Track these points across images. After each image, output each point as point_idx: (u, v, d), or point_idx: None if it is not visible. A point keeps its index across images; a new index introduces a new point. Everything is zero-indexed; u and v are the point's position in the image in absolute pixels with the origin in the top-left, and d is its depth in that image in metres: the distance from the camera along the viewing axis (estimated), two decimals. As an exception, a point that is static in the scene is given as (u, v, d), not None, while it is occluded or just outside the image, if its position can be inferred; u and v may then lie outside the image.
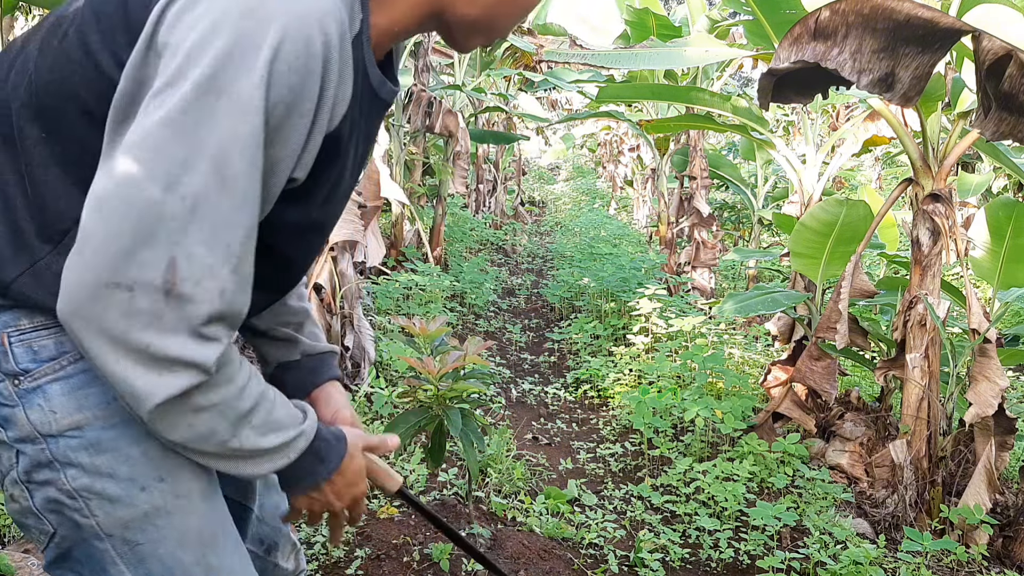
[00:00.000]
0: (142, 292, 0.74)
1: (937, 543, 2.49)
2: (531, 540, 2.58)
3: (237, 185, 0.76)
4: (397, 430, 2.24)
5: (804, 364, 3.36)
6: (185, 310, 0.75)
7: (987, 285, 3.37)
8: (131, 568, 0.89)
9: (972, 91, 2.93)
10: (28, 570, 1.90)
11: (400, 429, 2.24)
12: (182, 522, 0.90)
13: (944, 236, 2.93)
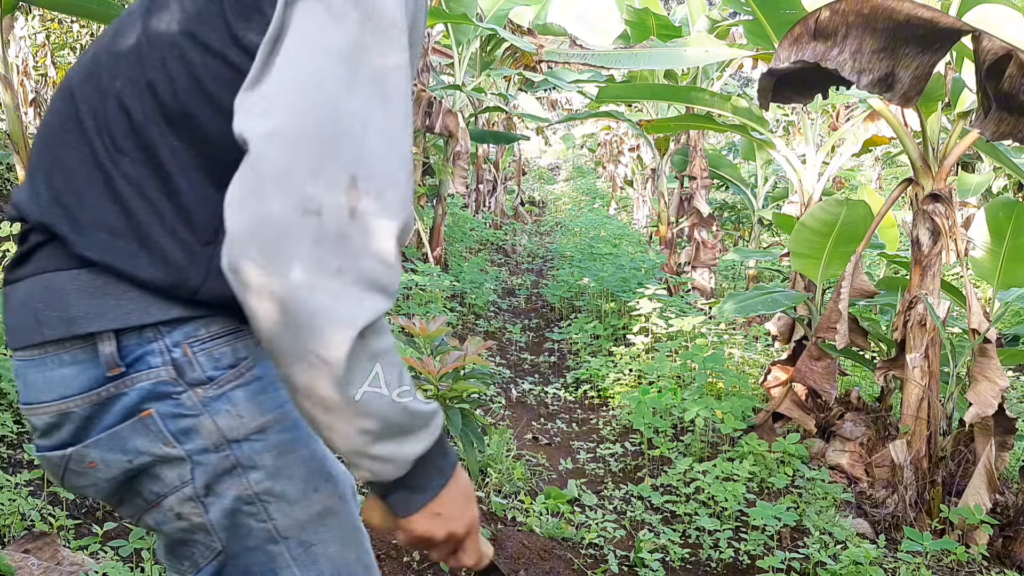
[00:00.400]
0: (329, 215, 0.73)
1: (937, 543, 2.49)
2: (531, 540, 2.58)
3: (399, 101, 0.79)
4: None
5: (804, 364, 3.36)
6: (370, 229, 0.74)
7: (987, 285, 3.37)
8: (303, 570, 0.89)
9: (972, 91, 2.93)
10: (28, 570, 1.90)
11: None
12: (344, 522, 0.93)
13: (944, 236, 2.93)
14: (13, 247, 4.16)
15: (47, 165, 0.86)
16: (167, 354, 0.84)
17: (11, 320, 0.86)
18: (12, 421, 2.82)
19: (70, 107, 0.88)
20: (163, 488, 0.87)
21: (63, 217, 0.83)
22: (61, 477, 0.89)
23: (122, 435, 0.84)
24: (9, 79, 4.00)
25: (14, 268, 0.87)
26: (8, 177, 6.99)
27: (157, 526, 0.90)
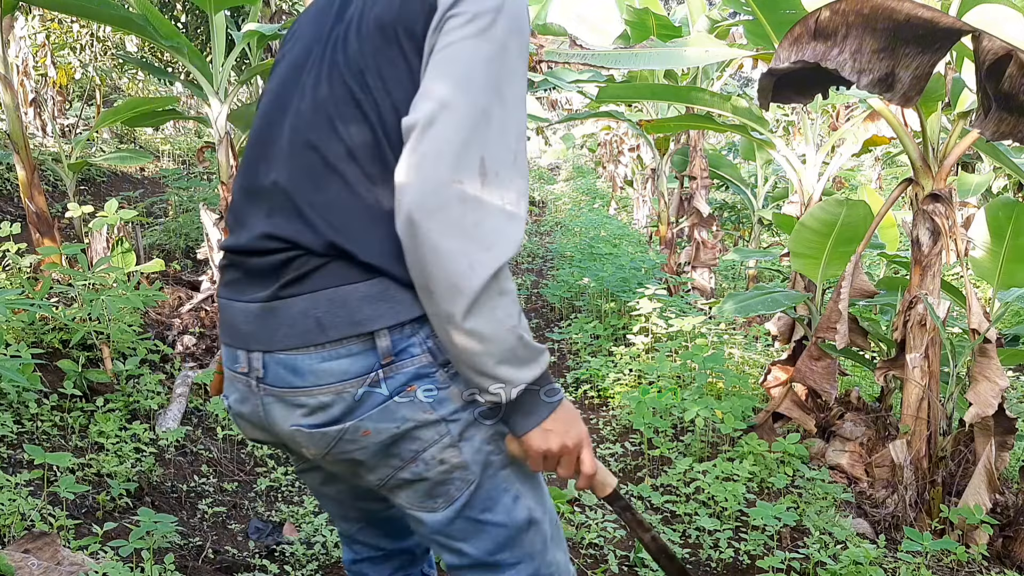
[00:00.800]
0: (468, 183, 0.98)
1: (937, 543, 2.49)
2: (531, 540, 2.58)
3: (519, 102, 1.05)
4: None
5: (804, 364, 3.36)
6: (495, 195, 1.00)
7: (987, 285, 3.37)
8: (521, 480, 1.19)
9: (972, 91, 2.93)
10: (28, 570, 1.90)
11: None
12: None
13: (944, 236, 2.93)
14: (12, 247, 4.15)
15: (307, 200, 1.07)
16: (424, 344, 1.09)
17: (287, 327, 1.07)
18: (12, 421, 2.83)
19: (304, 146, 1.09)
20: (422, 445, 1.11)
21: (349, 241, 1.05)
22: (329, 448, 1.11)
23: (391, 408, 1.08)
24: (9, 79, 4.00)
25: (285, 287, 1.07)
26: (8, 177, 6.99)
27: (413, 476, 1.13)
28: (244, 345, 1.12)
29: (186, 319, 4.17)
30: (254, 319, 1.10)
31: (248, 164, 1.18)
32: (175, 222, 6.51)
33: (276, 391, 1.10)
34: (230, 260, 1.17)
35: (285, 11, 6.85)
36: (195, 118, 6.36)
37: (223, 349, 1.19)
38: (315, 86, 1.11)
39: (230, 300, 1.15)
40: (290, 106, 1.13)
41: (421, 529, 1.20)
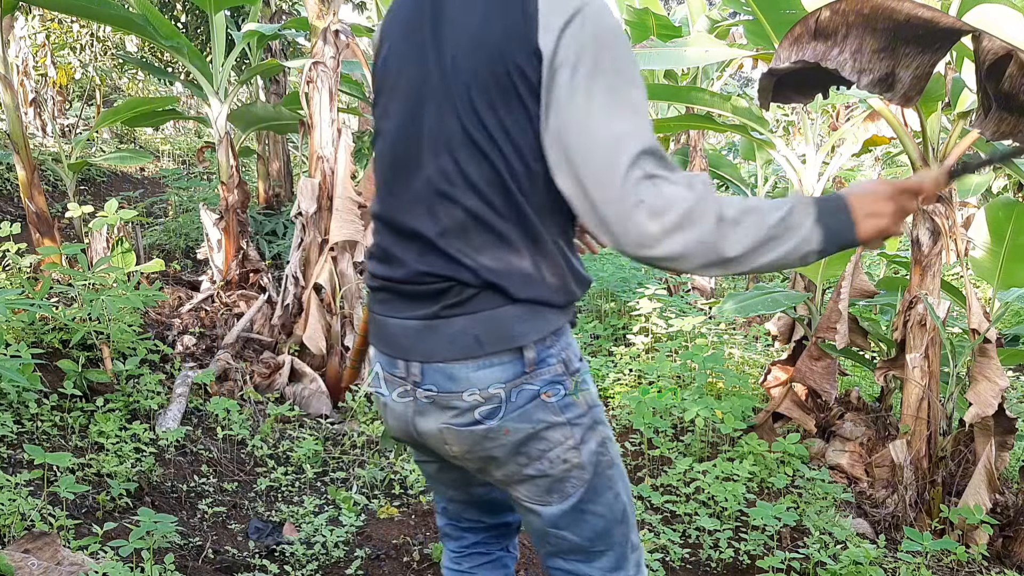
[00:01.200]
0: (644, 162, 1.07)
1: (937, 543, 2.49)
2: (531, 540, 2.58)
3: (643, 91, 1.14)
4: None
5: (804, 364, 3.36)
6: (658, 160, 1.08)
7: (987, 285, 3.37)
8: (620, 478, 1.35)
9: (972, 91, 2.93)
10: (28, 570, 1.90)
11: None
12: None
13: (944, 236, 2.93)
14: (12, 247, 4.15)
15: (456, 248, 1.19)
16: (559, 355, 1.24)
17: (447, 342, 1.21)
18: (12, 421, 2.82)
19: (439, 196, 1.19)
20: (548, 445, 1.25)
21: (501, 279, 1.18)
22: (473, 445, 1.25)
23: (529, 411, 1.22)
24: (9, 79, 4.00)
25: (445, 309, 1.21)
26: (8, 177, 6.99)
27: (537, 473, 1.27)
28: (403, 356, 1.26)
29: (186, 319, 4.17)
30: (414, 334, 1.24)
31: (387, 198, 1.29)
32: (175, 222, 6.51)
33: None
34: (383, 286, 1.29)
35: (285, 11, 6.85)
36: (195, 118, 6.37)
37: (379, 356, 1.32)
38: (437, 127, 1.19)
39: (386, 317, 1.29)
40: (416, 146, 1.22)
41: (535, 521, 1.34)
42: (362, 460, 3.14)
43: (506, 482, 1.30)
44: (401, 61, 1.25)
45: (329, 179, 3.65)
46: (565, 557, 1.38)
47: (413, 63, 1.23)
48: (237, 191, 4.48)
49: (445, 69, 1.18)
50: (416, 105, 1.22)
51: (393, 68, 1.27)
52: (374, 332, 1.33)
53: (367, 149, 6.31)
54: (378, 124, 1.31)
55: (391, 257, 1.27)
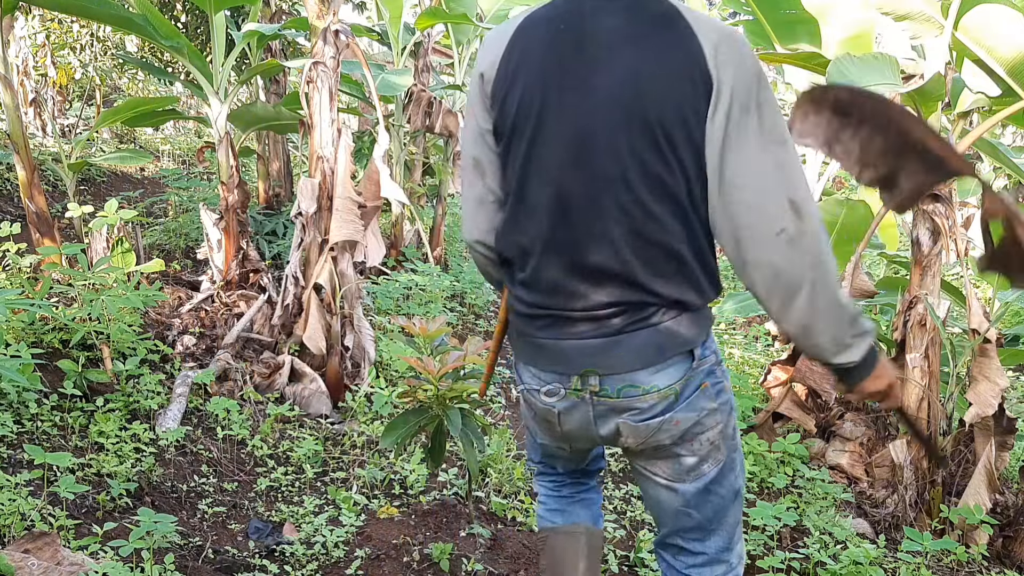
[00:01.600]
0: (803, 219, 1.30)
1: (937, 543, 2.49)
2: (531, 540, 2.58)
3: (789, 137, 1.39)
4: (396, 430, 2.24)
5: (804, 364, 3.36)
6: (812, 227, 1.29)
7: (987, 285, 3.37)
8: (740, 462, 1.52)
9: (972, 91, 2.93)
10: (28, 570, 1.90)
11: (400, 429, 2.24)
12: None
13: (944, 236, 2.93)
14: (12, 247, 4.15)
15: (643, 277, 1.31)
16: (712, 347, 1.42)
17: (631, 353, 1.34)
18: (12, 421, 2.83)
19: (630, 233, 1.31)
20: (702, 429, 1.42)
21: (684, 295, 1.33)
22: (648, 437, 1.40)
23: (693, 401, 1.39)
24: (9, 79, 4.00)
25: (629, 326, 1.34)
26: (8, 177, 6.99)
27: (688, 453, 1.43)
28: (578, 372, 1.37)
29: (186, 319, 4.17)
30: (593, 352, 1.36)
31: (552, 233, 1.35)
32: (175, 222, 6.51)
33: (611, 401, 1.38)
34: (550, 314, 1.38)
35: (285, 11, 6.85)
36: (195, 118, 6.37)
37: (543, 373, 1.43)
38: (611, 165, 1.28)
39: (555, 340, 1.38)
40: (588, 184, 1.30)
41: (670, 499, 1.49)
42: (362, 460, 3.15)
43: (655, 461, 1.46)
44: (548, 100, 1.30)
45: (329, 179, 3.65)
46: (684, 536, 1.52)
47: (569, 104, 1.29)
48: (237, 191, 4.48)
49: (614, 108, 1.27)
50: (580, 145, 1.29)
51: (537, 107, 1.31)
52: (532, 352, 1.44)
53: (367, 149, 6.31)
54: (520, 160, 1.35)
55: (562, 289, 1.36)
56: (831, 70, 2.53)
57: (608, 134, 1.27)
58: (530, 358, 1.45)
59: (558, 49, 1.30)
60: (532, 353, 1.44)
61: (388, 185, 3.71)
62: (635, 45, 1.27)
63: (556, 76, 1.30)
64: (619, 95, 1.26)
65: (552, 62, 1.30)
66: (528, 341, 1.44)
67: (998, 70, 2.67)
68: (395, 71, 5.72)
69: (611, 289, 1.33)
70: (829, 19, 3.50)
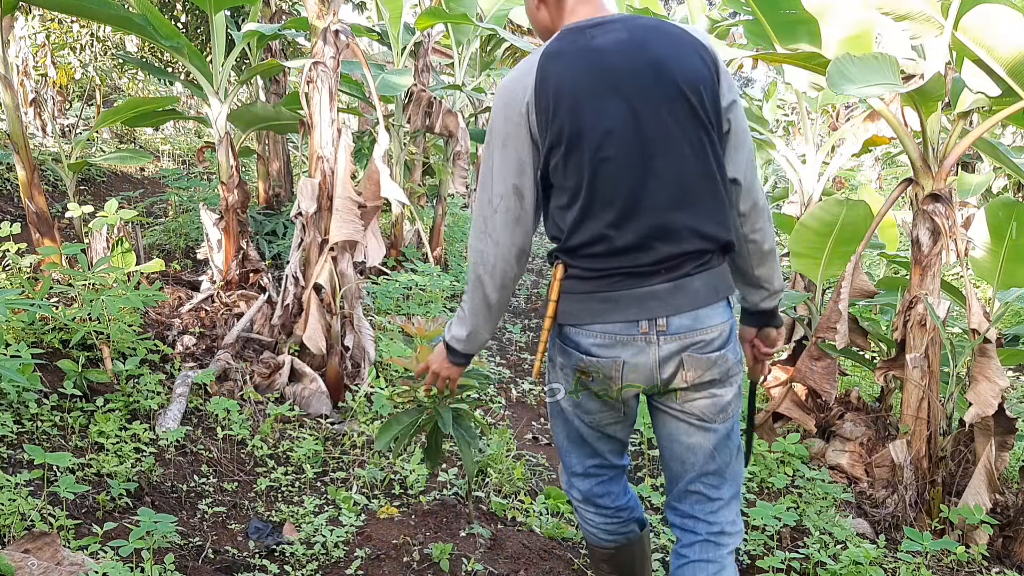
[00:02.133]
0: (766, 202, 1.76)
1: (937, 543, 2.49)
2: (531, 540, 2.58)
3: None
4: (390, 431, 2.24)
5: (804, 364, 3.36)
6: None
7: (987, 285, 3.37)
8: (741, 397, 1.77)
9: (972, 91, 2.93)
10: (28, 570, 1.90)
11: (393, 430, 2.23)
12: None
13: (944, 236, 2.93)
14: (12, 247, 4.15)
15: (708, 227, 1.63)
16: (732, 301, 1.71)
17: (692, 294, 1.61)
18: (12, 421, 2.83)
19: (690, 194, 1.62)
20: (736, 371, 1.69)
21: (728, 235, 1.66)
22: (705, 369, 1.64)
23: (734, 345, 1.68)
24: (9, 79, 4.00)
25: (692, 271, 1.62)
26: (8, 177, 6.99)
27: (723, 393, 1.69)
28: (648, 316, 1.61)
29: (186, 319, 4.17)
30: (664, 295, 1.61)
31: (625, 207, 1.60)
32: (175, 222, 6.51)
33: (677, 337, 1.62)
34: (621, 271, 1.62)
35: (285, 11, 6.85)
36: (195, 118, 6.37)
37: (611, 326, 1.63)
38: (668, 146, 1.59)
39: (629, 290, 1.62)
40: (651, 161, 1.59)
41: (704, 440, 1.71)
42: (362, 460, 3.15)
43: (698, 400, 1.68)
44: (596, 108, 1.58)
45: (329, 179, 3.65)
46: (705, 482, 1.74)
47: (612, 106, 1.58)
48: (237, 191, 4.48)
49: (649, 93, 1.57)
50: (637, 133, 1.58)
51: (588, 119, 1.58)
52: (600, 309, 1.64)
53: (367, 149, 6.31)
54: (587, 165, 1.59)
55: (636, 249, 1.61)
56: (831, 70, 2.52)
57: (654, 115, 1.57)
58: (596, 315, 1.64)
59: (584, 69, 1.58)
60: (600, 310, 1.64)
61: (388, 185, 3.71)
62: (649, 41, 1.60)
63: (594, 89, 1.57)
64: (648, 80, 1.57)
65: (586, 81, 1.57)
66: (597, 299, 1.64)
67: (998, 70, 2.67)
68: (395, 71, 5.71)
69: (678, 241, 1.61)
70: (829, 19, 3.49)
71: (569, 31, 1.64)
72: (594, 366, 1.65)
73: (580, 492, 1.91)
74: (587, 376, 1.68)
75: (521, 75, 1.61)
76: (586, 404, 1.75)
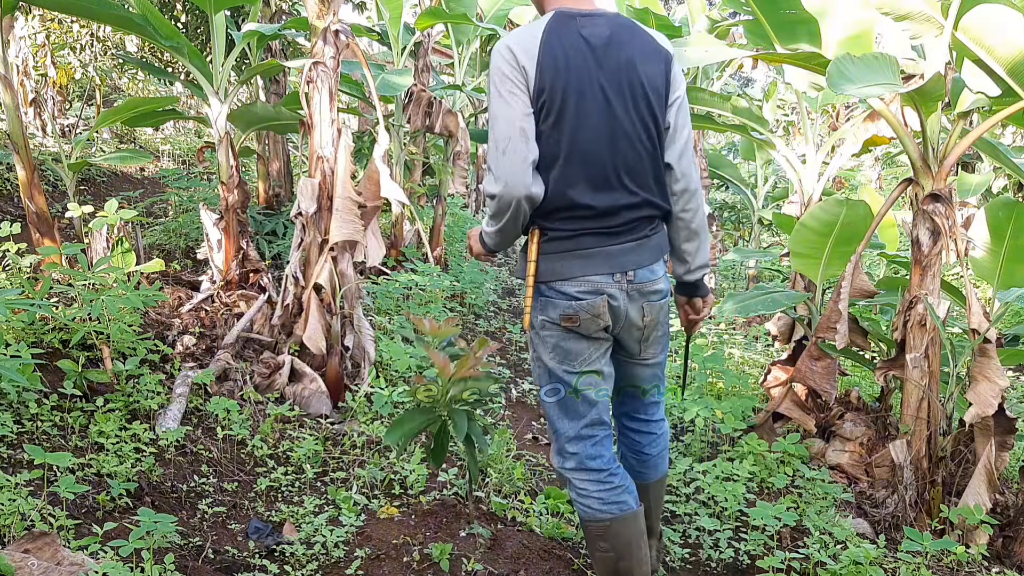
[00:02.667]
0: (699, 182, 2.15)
1: (937, 543, 2.49)
2: (531, 540, 2.58)
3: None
4: (401, 427, 2.24)
5: (804, 364, 3.36)
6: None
7: (987, 285, 3.37)
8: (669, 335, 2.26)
9: (972, 91, 2.93)
10: (28, 570, 1.90)
11: (405, 426, 2.23)
12: None
13: (944, 236, 2.93)
14: (12, 247, 4.14)
15: (658, 199, 2.02)
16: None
17: (649, 251, 2.00)
18: (12, 421, 2.83)
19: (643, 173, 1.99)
20: (669, 308, 2.12)
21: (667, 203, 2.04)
22: (659, 312, 2.06)
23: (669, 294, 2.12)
24: (9, 79, 4.00)
25: (649, 232, 2.01)
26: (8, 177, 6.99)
27: (664, 332, 2.14)
28: (620, 268, 1.96)
29: (186, 319, 4.17)
30: (629, 251, 1.97)
31: (600, 174, 1.93)
32: (175, 222, 6.51)
33: (641, 286, 1.99)
34: (595, 232, 1.94)
35: (285, 11, 6.85)
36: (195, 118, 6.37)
37: (593, 277, 1.95)
38: (630, 133, 1.93)
39: (603, 247, 1.95)
40: (612, 146, 1.93)
41: (653, 371, 2.17)
42: (362, 460, 3.15)
43: (653, 342, 2.10)
44: (581, 87, 1.89)
45: (329, 179, 3.65)
46: (656, 391, 2.23)
47: (594, 90, 1.90)
48: (237, 191, 4.48)
49: (621, 86, 1.92)
50: (609, 115, 1.91)
51: (574, 94, 1.88)
52: (581, 264, 1.94)
53: (367, 149, 6.31)
54: (567, 134, 1.89)
55: (606, 213, 1.94)
56: (831, 70, 2.52)
57: (622, 103, 1.92)
58: (579, 269, 1.95)
59: (575, 57, 1.88)
60: (580, 265, 1.95)
61: (388, 185, 3.71)
62: (624, 43, 1.94)
63: (581, 77, 1.88)
64: (621, 77, 1.92)
65: (576, 69, 1.88)
66: (576, 256, 1.95)
67: (998, 70, 2.67)
68: (395, 71, 5.71)
69: (638, 208, 1.97)
70: (829, 19, 3.50)
71: (563, 15, 1.92)
72: (582, 308, 1.95)
73: (574, 459, 2.06)
74: (572, 322, 1.96)
75: (530, 37, 1.88)
76: (573, 347, 2.00)
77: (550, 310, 1.96)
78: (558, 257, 1.95)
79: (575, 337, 1.98)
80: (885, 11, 2.90)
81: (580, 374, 2.01)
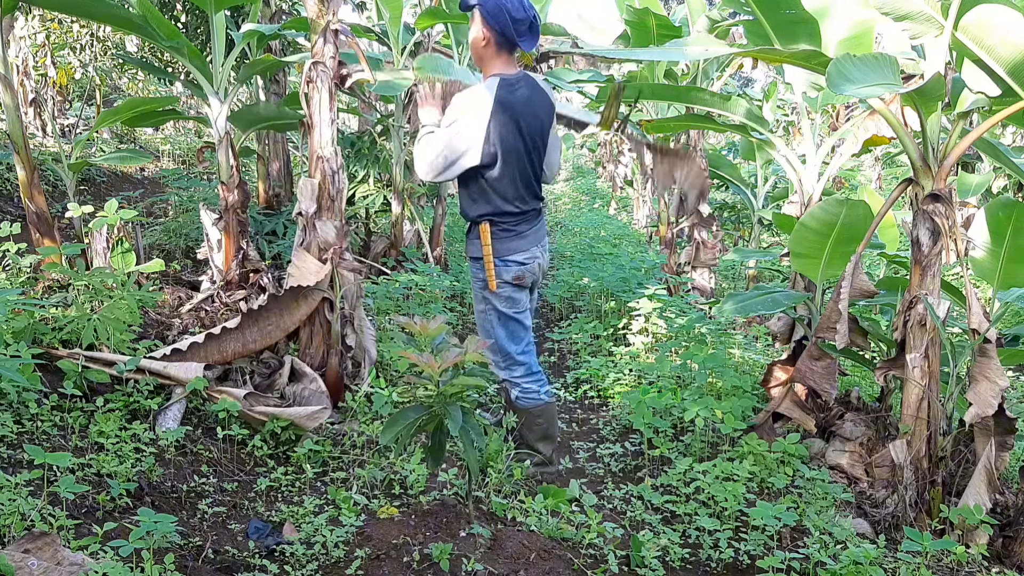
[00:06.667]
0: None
1: (937, 543, 2.49)
2: (531, 540, 2.58)
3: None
4: (396, 426, 2.24)
5: (804, 364, 3.36)
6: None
7: (987, 285, 3.37)
8: None
9: (972, 91, 2.93)
10: (28, 570, 1.90)
11: (399, 425, 2.23)
12: None
13: (944, 236, 2.93)
14: (12, 247, 4.14)
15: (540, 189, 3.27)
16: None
17: (543, 231, 3.25)
18: (12, 421, 2.83)
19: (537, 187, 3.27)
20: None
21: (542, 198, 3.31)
22: (547, 268, 3.34)
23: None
24: (9, 79, 4.00)
25: (542, 219, 3.25)
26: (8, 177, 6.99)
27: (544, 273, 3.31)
28: (539, 243, 3.18)
29: (186, 319, 4.17)
30: (540, 231, 3.19)
31: (523, 188, 3.12)
32: (175, 222, 6.51)
33: (545, 251, 3.22)
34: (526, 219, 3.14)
35: (285, 11, 6.85)
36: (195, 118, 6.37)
37: (527, 247, 3.14)
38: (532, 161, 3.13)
39: (530, 230, 3.14)
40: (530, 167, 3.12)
41: (537, 299, 3.41)
42: (362, 460, 3.15)
43: (539, 283, 3.26)
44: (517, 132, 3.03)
45: (329, 179, 3.65)
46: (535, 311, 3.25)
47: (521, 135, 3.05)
48: (237, 191, 4.48)
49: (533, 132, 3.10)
50: (529, 150, 3.10)
51: (512, 136, 3.02)
52: (524, 241, 3.12)
53: (367, 149, 6.31)
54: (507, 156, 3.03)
55: (530, 207, 3.15)
56: (831, 70, 2.52)
57: (532, 142, 3.09)
58: (523, 244, 3.12)
59: (513, 113, 3.00)
60: (521, 243, 3.11)
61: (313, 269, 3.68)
62: (535, 102, 3.10)
63: (517, 126, 3.02)
64: (533, 124, 3.08)
65: (514, 121, 3.00)
66: (518, 237, 3.11)
67: (998, 70, 2.67)
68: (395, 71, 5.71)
69: (538, 202, 3.20)
70: (829, 19, 3.49)
71: (505, 82, 2.99)
72: (527, 270, 3.13)
73: (522, 368, 3.22)
74: (520, 280, 3.11)
75: (488, 95, 2.96)
76: (518, 297, 3.15)
77: (505, 274, 3.07)
78: (506, 240, 3.07)
79: (519, 289, 3.13)
80: (885, 11, 2.90)
81: (523, 312, 3.17)
